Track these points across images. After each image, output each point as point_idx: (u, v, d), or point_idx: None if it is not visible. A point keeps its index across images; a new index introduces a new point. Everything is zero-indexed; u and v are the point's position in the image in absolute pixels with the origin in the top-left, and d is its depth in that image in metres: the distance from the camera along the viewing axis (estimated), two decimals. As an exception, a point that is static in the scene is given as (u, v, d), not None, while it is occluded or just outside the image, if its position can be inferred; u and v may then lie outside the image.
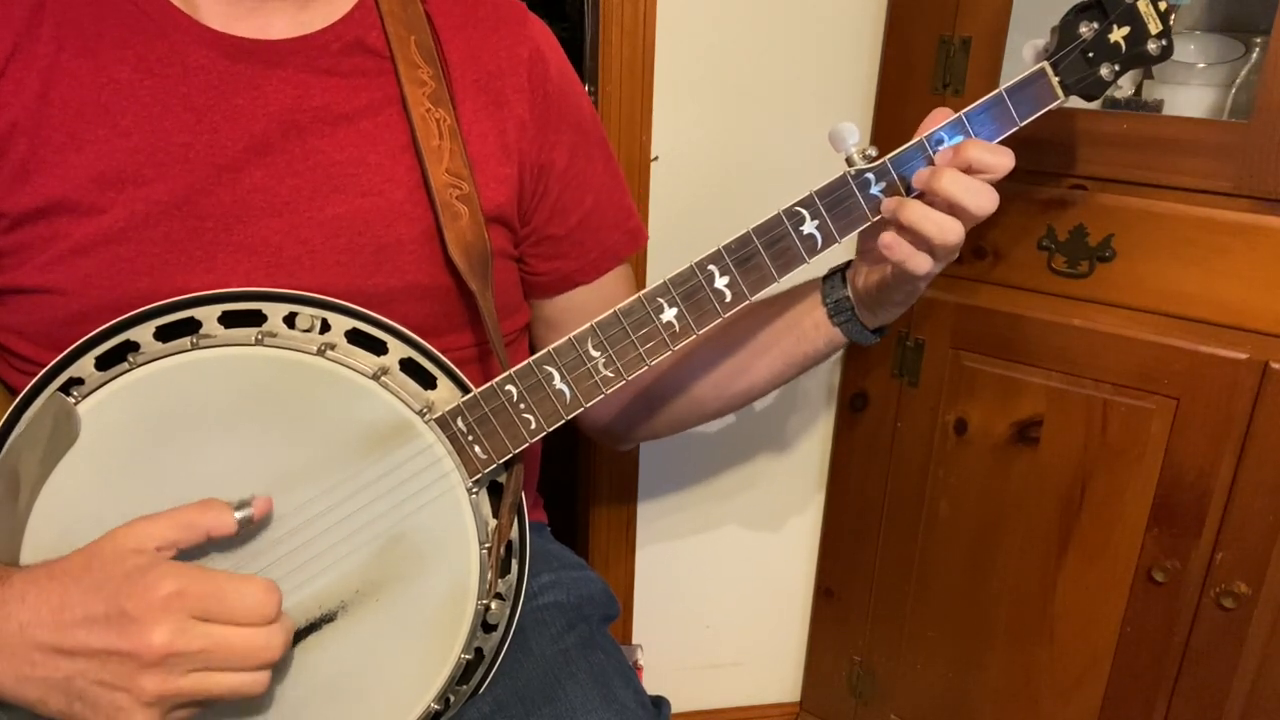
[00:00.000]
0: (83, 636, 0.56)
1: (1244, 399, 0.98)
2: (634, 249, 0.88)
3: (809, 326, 0.81)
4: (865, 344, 0.82)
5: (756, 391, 0.87)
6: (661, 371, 0.87)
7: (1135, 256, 1.02)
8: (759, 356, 0.84)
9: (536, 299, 0.87)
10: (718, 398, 0.88)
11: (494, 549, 0.69)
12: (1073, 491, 1.12)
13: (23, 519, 0.62)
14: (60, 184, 0.66)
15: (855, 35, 1.20)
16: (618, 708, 0.76)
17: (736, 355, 0.85)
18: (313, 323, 0.66)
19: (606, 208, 0.85)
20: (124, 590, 0.56)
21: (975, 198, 0.68)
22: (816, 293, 0.81)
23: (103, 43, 0.68)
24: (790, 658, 1.51)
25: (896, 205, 0.69)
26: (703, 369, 0.86)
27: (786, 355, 0.83)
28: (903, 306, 0.79)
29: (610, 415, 0.93)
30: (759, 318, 0.84)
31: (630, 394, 0.90)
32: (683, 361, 0.86)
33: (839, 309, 0.80)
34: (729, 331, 0.85)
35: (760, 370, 0.85)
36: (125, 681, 0.56)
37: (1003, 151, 0.69)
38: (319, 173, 0.70)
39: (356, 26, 0.73)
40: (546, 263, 0.83)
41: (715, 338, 0.84)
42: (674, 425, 0.92)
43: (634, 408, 0.91)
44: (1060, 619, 1.17)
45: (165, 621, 0.55)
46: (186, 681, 0.57)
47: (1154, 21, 0.72)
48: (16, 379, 0.72)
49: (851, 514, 1.35)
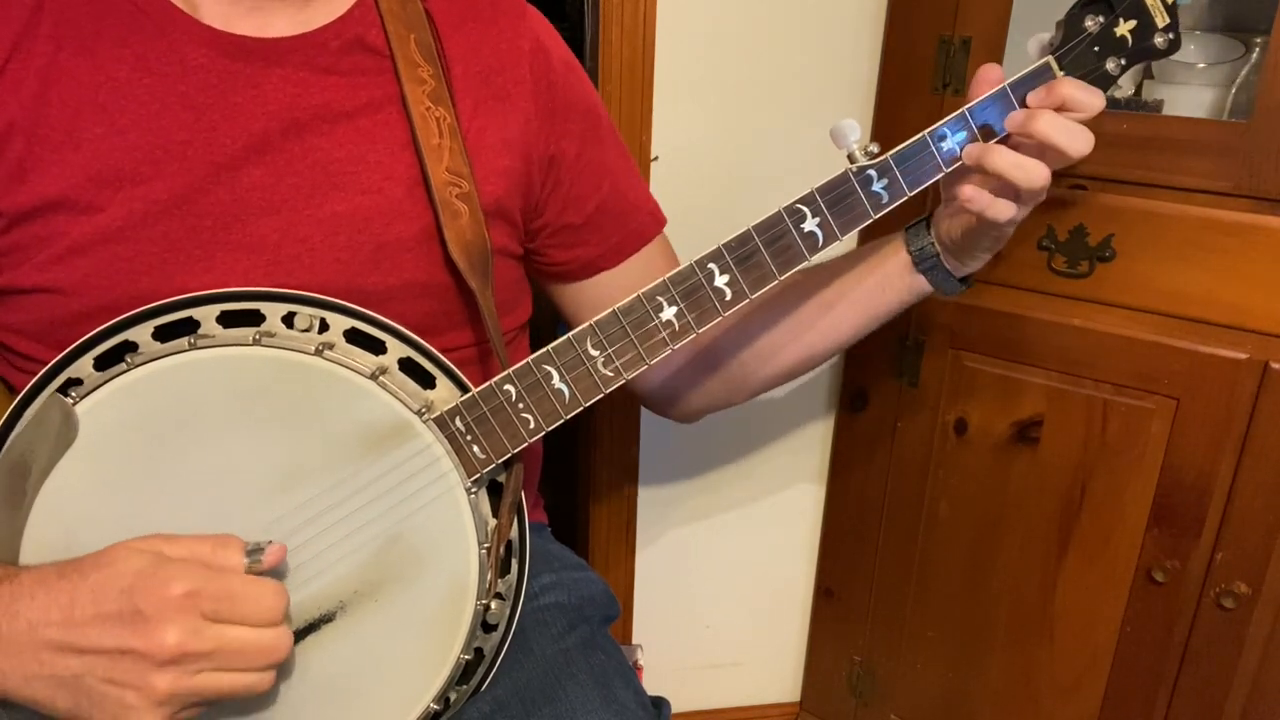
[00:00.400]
0: (95, 635, 0.56)
1: (1244, 399, 0.98)
2: (655, 230, 0.87)
3: (893, 272, 0.80)
4: (950, 294, 0.81)
5: (839, 342, 0.85)
6: (752, 334, 0.85)
7: (1135, 256, 1.01)
8: (837, 305, 0.82)
9: (562, 285, 0.86)
10: (797, 350, 0.85)
11: (493, 549, 0.69)
12: (1073, 491, 1.12)
13: (22, 519, 0.62)
14: (58, 183, 0.66)
15: (855, 35, 1.20)
16: (618, 708, 0.76)
17: (810, 302, 0.83)
18: (311, 322, 0.66)
19: (625, 191, 0.84)
20: (137, 588, 0.56)
21: (1071, 138, 0.68)
22: (900, 241, 0.80)
23: (101, 41, 0.67)
24: (790, 658, 1.51)
25: (981, 152, 0.68)
26: (783, 317, 0.84)
27: (870, 305, 0.82)
28: (990, 252, 0.78)
29: (689, 388, 0.90)
30: (841, 267, 0.83)
31: (711, 365, 0.87)
32: (772, 321, 0.85)
33: (923, 256, 0.79)
34: (809, 280, 0.83)
35: (842, 320, 0.83)
36: (136, 680, 0.56)
37: (1094, 91, 0.69)
38: (318, 171, 0.70)
39: (356, 25, 0.73)
40: (567, 251, 0.83)
41: (796, 285, 0.83)
42: (759, 388, 0.89)
43: (688, 369, 0.89)
44: (1060, 619, 1.17)
45: (178, 621, 0.56)
46: (197, 681, 0.57)
47: (1161, 15, 0.71)
48: (17, 377, 0.71)
49: (851, 514, 1.35)
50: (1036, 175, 0.68)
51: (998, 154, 0.68)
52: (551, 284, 0.87)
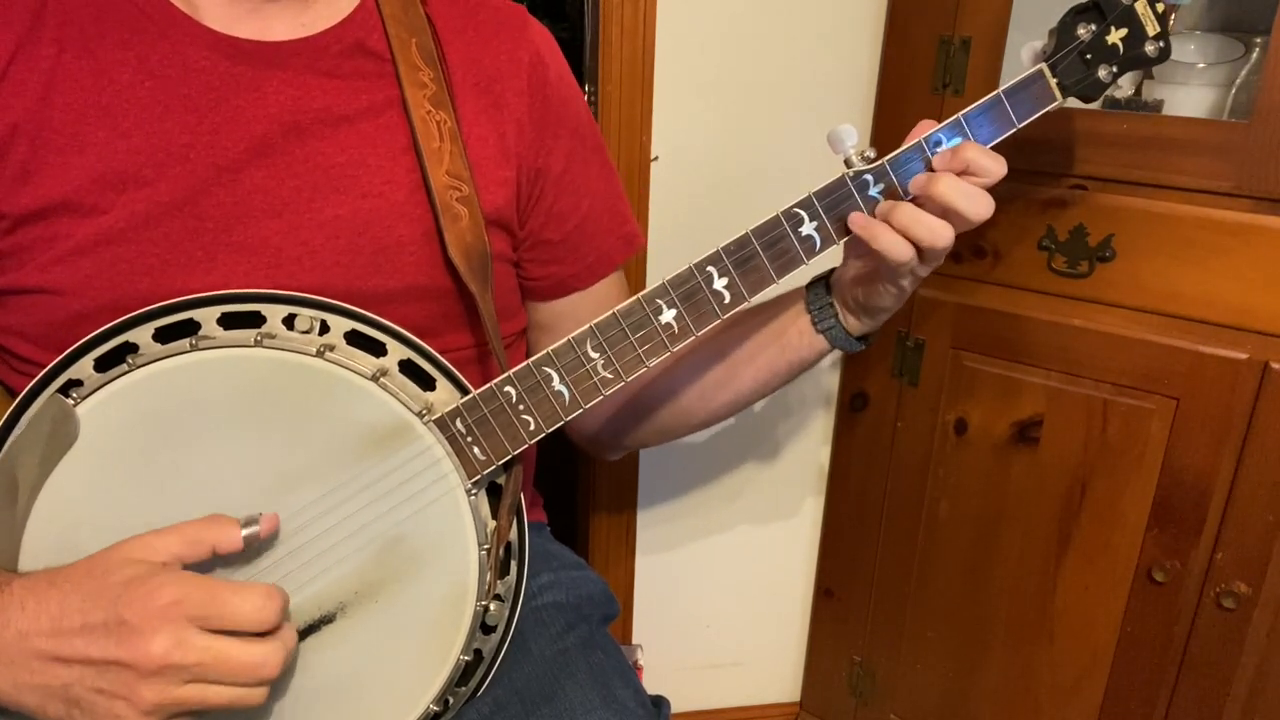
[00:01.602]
0: (81, 645, 0.56)
1: (1244, 399, 0.98)
2: (629, 254, 0.88)
3: (793, 334, 0.82)
4: (850, 351, 0.82)
5: (743, 401, 0.87)
6: (649, 380, 0.87)
7: (1135, 256, 1.01)
8: (744, 365, 0.84)
9: (532, 303, 0.86)
10: (704, 407, 0.88)
11: (493, 550, 0.69)
12: (1073, 491, 1.12)
13: (21, 521, 0.62)
14: (61, 185, 0.66)
15: (855, 35, 1.20)
16: (617, 708, 0.76)
17: (722, 363, 0.85)
18: (312, 324, 0.66)
19: (602, 213, 0.84)
20: (123, 598, 0.56)
21: (971, 203, 0.69)
22: (800, 300, 0.81)
23: (104, 44, 0.68)
24: (790, 658, 1.51)
25: (889, 209, 0.70)
26: (689, 377, 0.86)
27: (771, 364, 0.84)
28: (888, 312, 0.79)
29: (599, 424, 0.93)
30: (743, 326, 0.84)
31: (618, 403, 0.90)
32: (670, 370, 0.86)
33: (823, 315, 0.80)
34: (714, 340, 0.85)
35: (746, 379, 0.85)
36: (124, 690, 0.56)
37: (998, 158, 0.70)
38: (319, 174, 0.70)
39: (358, 29, 0.73)
40: (542, 268, 0.83)
41: (700, 346, 0.84)
42: (662, 434, 0.92)
43: (622, 416, 0.91)
44: (1060, 619, 1.17)
45: (164, 631, 0.55)
46: (184, 692, 0.56)
47: (1152, 23, 0.72)
48: (16, 380, 0.72)
49: (851, 514, 1.35)
50: (940, 234, 0.69)
51: (902, 210, 0.70)
52: (525, 301, 0.87)
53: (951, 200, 0.68)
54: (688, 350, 0.77)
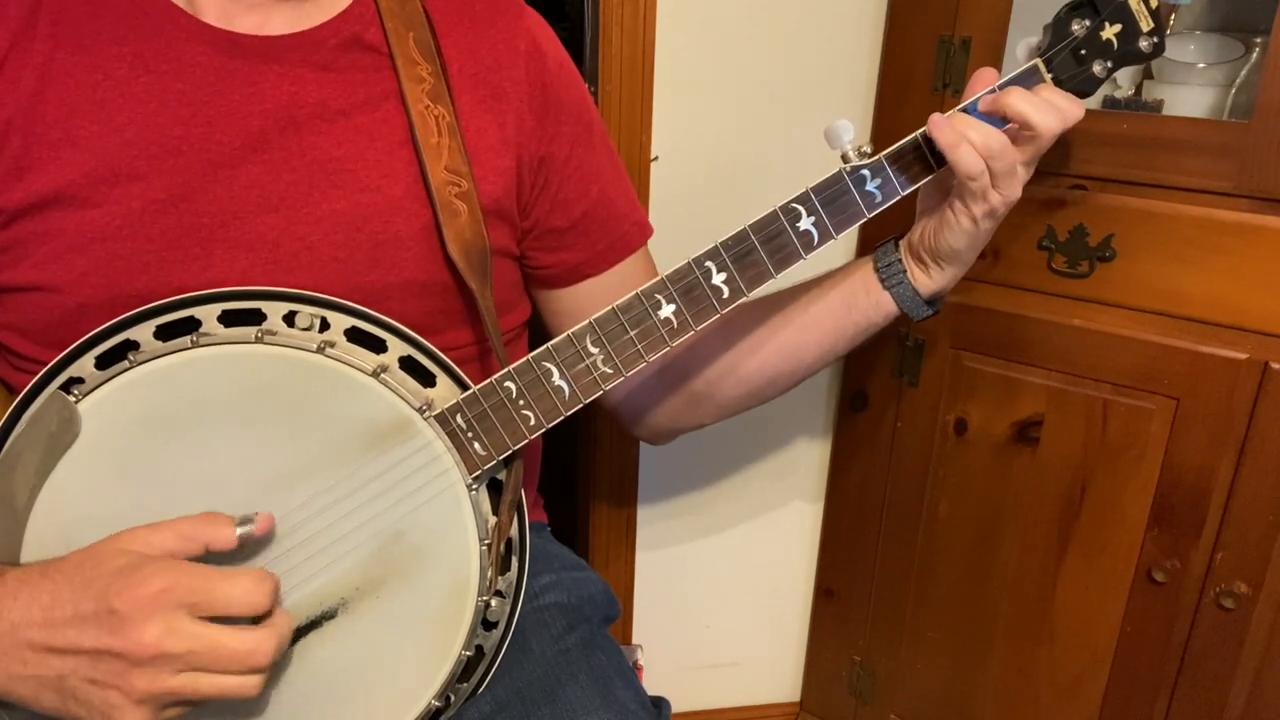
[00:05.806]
0: (73, 635, 0.56)
1: (1244, 399, 0.98)
2: (642, 240, 0.87)
3: (860, 294, 0.80)
4: (916, 318, 0.80)
5: (803, 361, 0.84)
6: (712, 349, 0.85)
7: (1135, 256, 1.02)
8: (801, 321, 0.82)
9: (547, 291, 0.86)
10: (758, 366, 0.85)
11: (494, 545, 0.69)
12: (1073, 491, 1.12)
13: (23, 518, 0.62)
14: (55, 180, 0.66)
15: (855, 35, 1.20)
16: (618, 708, 0.76)
17: (780, 318, 0.83)
18: (312, 321, 0.66)
19: (614, 198, 0.84)
20: (113, 587, 0.56)
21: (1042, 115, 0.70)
22: (868, 259, 0.80)
23: (99, 39, 0.68)
24: (790, 658, 1.51)
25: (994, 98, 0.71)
26: (745, 331, 0.84)
27: (835, 323, 0.82)
28: (960, 261, 0.77)
29: (653, 404, 0.90)
30: (808, 285, 0.83)
31: (674, 381, 0.87)
32: (732, 336, 0.84)
33: (890, 272, 0.79)
34: (776, 296, 0.83)
35: (806, 336, 0.83)
36: (116, 680, 0.56)
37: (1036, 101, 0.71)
38: (316, 169, 0.70)
39: (354, 23, 0.73)
40: (552, 255, 0.82)
41: (762, 300, 0.83)
42: (725, 408, 0.89)
43: (679, 394, 0.88)
44: (1060, 619, 1.17)
45: (155, 618, 0.55)
46: (176, 681, 0.56)
47: (1145, 19, 0.72)
48: (16, 378, 0.72)
49: (851, 514, 1.35)
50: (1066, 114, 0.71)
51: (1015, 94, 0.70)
52: (536, 290, 0.87)
53: (1021, 111, 0.69)
54: (752, 316, 0.77)
